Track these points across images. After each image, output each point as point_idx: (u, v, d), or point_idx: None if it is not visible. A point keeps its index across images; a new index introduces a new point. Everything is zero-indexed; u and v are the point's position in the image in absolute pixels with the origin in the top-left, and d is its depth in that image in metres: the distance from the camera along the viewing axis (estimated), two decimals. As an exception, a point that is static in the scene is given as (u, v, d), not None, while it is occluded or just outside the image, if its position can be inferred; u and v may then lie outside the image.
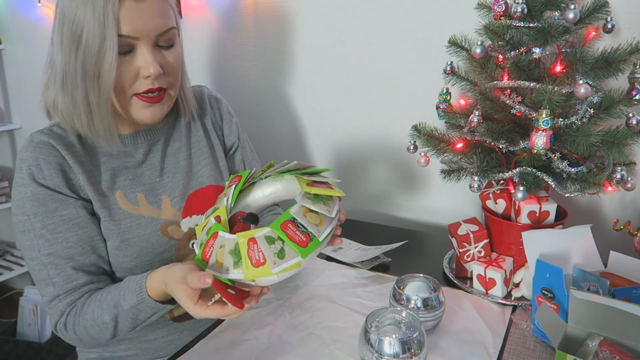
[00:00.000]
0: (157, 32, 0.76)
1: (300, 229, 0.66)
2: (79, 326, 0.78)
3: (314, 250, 0.66)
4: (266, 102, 1.43)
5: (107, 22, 0.71)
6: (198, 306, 0.66)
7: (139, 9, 0.73)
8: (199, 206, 0.90)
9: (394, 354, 0.63)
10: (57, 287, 0.78)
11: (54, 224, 0.78)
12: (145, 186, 0.87)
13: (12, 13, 1.94)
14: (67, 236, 0.79)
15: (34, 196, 0.78)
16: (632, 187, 0.78)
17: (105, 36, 0.71)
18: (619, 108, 0.78)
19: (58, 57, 0.76)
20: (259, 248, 0.65)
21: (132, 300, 0.74)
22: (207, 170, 0.94)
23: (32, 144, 0.80)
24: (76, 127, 0.80)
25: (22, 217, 0.78)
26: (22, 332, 1.98)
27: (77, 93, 0.76)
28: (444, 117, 0.94)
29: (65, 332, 0.80)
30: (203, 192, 0.92)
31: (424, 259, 1.06)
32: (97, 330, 0.77)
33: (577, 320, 0.65)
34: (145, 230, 0.84)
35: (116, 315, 0.75)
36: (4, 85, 2.14)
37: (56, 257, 0.78)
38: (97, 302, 0.77)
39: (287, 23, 1.32)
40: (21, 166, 0.79)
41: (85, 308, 0.78)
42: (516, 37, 0.84)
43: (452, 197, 1.23)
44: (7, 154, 2.26)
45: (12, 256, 2.27)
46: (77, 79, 0.75)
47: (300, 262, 0.64)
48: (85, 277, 0.80)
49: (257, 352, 0.75)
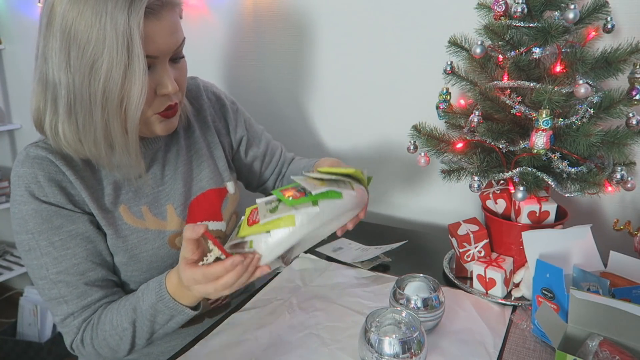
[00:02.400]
0: (174, 47, 0.73)
1: (298, 190, 0.66)
2: (97, 339, 0.75)
3: (304, 203, 0.64)
4: (266, 102, 1.43)
5: (133, 43, 0.64)
6: (189, 264, 0.64)
7: (160, 27, 0.69)
8: (202, 213, 0.88)
9: (394, 354, 0.63)
10: (71, 304, 0.75)
11: (61, 241, 0.74)
12: (149, 197, 0.83)
13: (12, 13, 1.94)
14: (76, 252, 0.75)
15: (36, 213, 0.73)
16: (632, 187, 0.78)
17: (132, 59, 0.65)
18: (619, 108, 0.78)
19: (61, 77, 0.67)
20: (257, 211, 0.66)
21: (150, 299, 0.72)
22: (207, 173, 0.91)
23: (29, 159, 0.73)
24: (83, 154, 0.74)
25: (26, 235, 0.74)
26: (22, 332, 1.98)
27: (93, 123, 0.69)
28: (444, 117, 0.94)
29: (82, 349, 0.77)
30: (204, 197, 0.90)
31: (424, 259, 1.05)
32: (116, 340, 0.75)
33: (577, 320, 0.65)
34: (153, 244, 0.82)
35: (134, 319, 0.73)
36: (4, 85, 2.14)
37: (67, 275, 0.74)
38: (115, 310, 0.75)
39: (287, 23, 1.32)
40: (18, 183, 0.73)
41: (102, 319, 0.75)
42: (516, 37, 0.84)
43: (452, 197, 1.23)
44: (7, 154, 2.26)
45: (12, 256, 2.27)
46: (94, 106, 0.68)
47: (293, 215, 0.63)
48: (99, 292, 0.77)
49: (257, 352, 0.75)
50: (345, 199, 0.67)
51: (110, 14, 0.63)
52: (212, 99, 0.97)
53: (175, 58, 0.75)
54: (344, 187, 0.69)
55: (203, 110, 0.95)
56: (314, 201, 0.65)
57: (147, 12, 0.66)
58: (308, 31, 1.30)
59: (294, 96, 1.39)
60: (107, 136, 0.71)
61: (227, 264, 0.62)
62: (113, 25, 0.63)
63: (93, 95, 0.67)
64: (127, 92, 0.67)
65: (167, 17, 0.70)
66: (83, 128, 0.70)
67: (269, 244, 0.64)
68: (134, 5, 0.64)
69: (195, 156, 0.91)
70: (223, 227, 0.91)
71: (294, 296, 0.90)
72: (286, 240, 0.64)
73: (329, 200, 0.65)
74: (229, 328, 0.81)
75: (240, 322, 0.83)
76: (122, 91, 0.67)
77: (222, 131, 0.97)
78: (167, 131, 0.78)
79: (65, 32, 0.65)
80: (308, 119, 1.39)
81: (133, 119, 0.69)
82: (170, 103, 0.75)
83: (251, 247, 0.65)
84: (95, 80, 0.66)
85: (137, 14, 0.64)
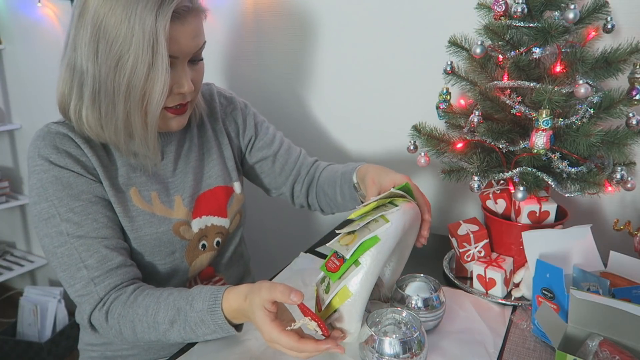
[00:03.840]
0: (195, 50, 0.77)
1: (338, 256, 0.68)
2: (125, 318, 0.73)
3: (347, 269, 0.65)
4: (267, 102, 1.43)
5: (158, 44, 0.69)
6: (275, 324, 0.62)
7: (184, 30, 0.73)
8: (208, 207, 0.91)
9: (395, 354, 0.63)
10: (92, 269, 0.74)
11: (82, 207, 0.76)
12: (160, 185, 0.86)
13: (12, 13, 1.94)
14: (96, 217, 0.77)
15: (56, 180, 0.75)
16: (632, 187, 0.78)
17: (156, 58, 0.69)
18: (619, 108, 0.78)
19: (89, 68, 0.72)
20: (317, 295, 0.70)
21: (201, 307, 0.70)
22: (216, 172, 0.94)
23: (50, 134, 0.78)
24: (103, 138, 0.78)
25: (45, 203, 0.75)
26: (22, 332, 1.98)
27: (115, 113, 0.73)
28: (444, 117, 0.94)
29: (104, 321, 0.75)
30: (212, 193, 0.92)
31: (424, 259, 1.05)
32: (144, 328, 0.73)
33: (577, 320, 0.65)
34: (158, 228, 0.84)
35: (175, 320, 0.71)
36: (4, 85, 2.14)
37: (88, 239, 0.75)
38: (155, 298, 0.73)
39: (288, 23, 1.32)
40: (38, 153, 0.76)
41: (139, 301, 0.73)
42: (516, 37, 0.84)
43: (452, 197, 1.23)
44: (7, 154, 2.26)
45: (12, 256, 2.27)
46: (117, 97, 0.72)
47: (345, 286, 0.65)
48: (119, 257, 0.77)
49: (257, 352, 0.75)
50: (385, 236, 0.66)
51: (139, 14, 0.68)
52: (223, 103, 1.00)
53: (194, 60, 0.79)
54: (384, 217, 0.68)
55: (215, 113, 0.98)
56: (355, 262, 0.66)
57: (174, 16, 0.70)
58: (309, 31, 1.30)
59: (294, 96, 1.39)
60: (127, 126, 0.75)
61: (322, 347, 0.62)
62: (141, 25, 0.68)
63: (117, 88, 0.71)
64: (149, 89, 0.72)
65: (192, 22, 0.74)
66: (105, 116, 0.75)
67: (345, 321, 0.66)
68: (162, 9, 0.68)
69: (207, 154, 0.94)
70: (227, 224, 0.94)
71: (294, 296, 0.90)
72: (358, 308, 0.66)
73: (369, 250, 0.65)
74: (229, 328, 0.81)
75: (241, 322, 0.83)
76: (144, 87, 0.71)
77: (232, 134, 1.00)
78: (178, 126, 0.82)
79: (95, 25, 0.70)
80: (308, 119, 1.39)
81: (153, 114, 0.74)
82: (182, 102, 0.79)
83: (331, 328, 0.67)
84: (120, 74, 0.70)
85: (164, 17, 0.68)
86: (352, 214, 0.71)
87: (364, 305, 0.67)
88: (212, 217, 0.91)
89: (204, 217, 0.90)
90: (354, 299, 0.65)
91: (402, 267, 0.84)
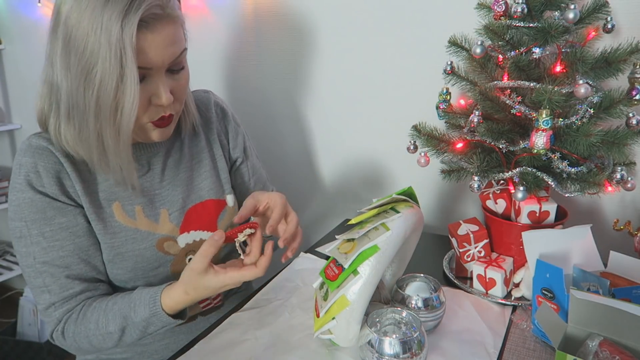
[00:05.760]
0: (170, 60, 0.72)
1: (337, 264, 0.68)
2: (79, 335, 0.77)
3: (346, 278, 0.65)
4: (267, 102, 1.43)
5: (125, 55, 0.65)
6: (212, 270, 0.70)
7: (154, 39, 0.68)
8: (198, 221, 0.88)
9: (395, 354, 0.63)
10: (53, 294, 0.77)
11: (52, 232, 0.76)
12: (145, 198, 0.83)
13: (12, 13, 1.94)
14: (63, 244, 0.77)
15: (32, 203, 0.75)
16: (632, 187, 0.78)
17: (125, 71, 0.65)
18: (619, 108, 0.78)
19: (63, 83, 0.70)
20: (315, 300, 0.70)
21: (144, 314, 0.74)
22: (208, 184, 0.91)
23: (31, 148, 0.76)
24: (81, 156, 0.76)
25: (19, 223, 0.76)
26: (22, 332, 1.98)
27: (88, 129, 0.71)
28: (444, 117, 0.94)
29: (63, 340, 0.79)
30: (202, 206, 0.89)
31: (424, 259, 1.05)
32: (100, 340, 0.77)
33: (577, 320, 0.65)
34: (141, 245, 0.82)
35: (124, 326, 0.75)
36: (4, 85, 2.14)
37: (51, 266, 0.76)
38: (102, 311, 0.76)
39: (287, 23, 1.32)
40: (19, 171, 0.76)
41: (88, 317, 0.76)
42: (516, 37, 0.84)
43: (452, 197, 1.23)
44: (7, 154, 2.26)
45: (12, 256, 2.27)
46: (88, 114, 0.69)
47: (343, 295, 0.65)
48: (81, 285, 0.79)
49: (257, 352, 0.75)
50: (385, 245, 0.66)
51: (105, 25, 0.64)
52: (219, 114, 0.98)
53: (174, 69, 0.75)
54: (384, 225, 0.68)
55: (210, 122, 0.95)
56: (354, 271, 0.66)
57: (141, 25, 0.66)
58: (308, 32, 1.30)
59: (294, 96, 1.39)
60: (100, 142, 0.72)
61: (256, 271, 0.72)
62: (107, 36, 0.64)
63: (88, 103, 0.69)
64: (119, 102, 0.68)
65: (162, 30, 0.69)
66: (80, 132, 0.72)
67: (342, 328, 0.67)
68: (127, 18, 0.64)
69: (198, 165, 0.91)
70: None
71: (294, 296, 0.90)
72: (357, 316, 0.66)
73: (368, 259, 0.65)
74: (229, 328, 0.81)
75: (240, 322, 0.83)
76: (114, 101, 0.68)
77: (226, 146, 0.98)
78: (161, 138, 0.79)
79: (66, 39, 0.67)
80: (308, 119, 1.39)
81: (126, 129, 0.70)
82: (164, 114, 0.75)
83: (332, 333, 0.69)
84: (89, 88, 0.67)
85: (130, 26, 0.64)
86: (352, 220, 0.71)
87: (363, 313, 0.67)
88: (202, 231, 0.88)
89: (192, 232, 0.87)
90: (352, 307, 0.65)
91: (403, 269, 0.84)
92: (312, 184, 1.43)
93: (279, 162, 1.47)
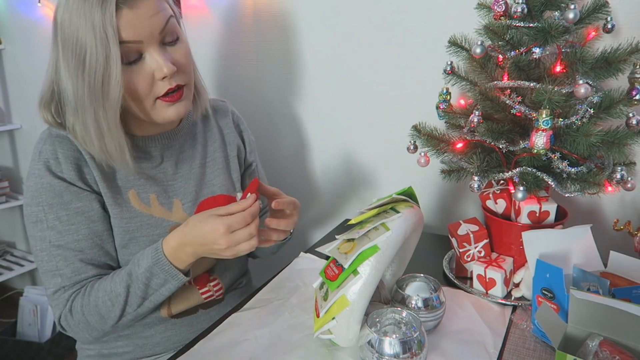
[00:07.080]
0: (159, 29, 0.75)
1: (337, 264, 0.68)
2: (88, 306, 0.78)
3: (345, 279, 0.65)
4: (267, 102, 1.43)
5: (108, 38, 0.70)
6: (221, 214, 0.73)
7: (136, 14, 0.72)
8: None
9: (394, 354, 0.63)
10: (65, 278, 0.79)
11: (68, 216, 0.79)
12: (159, 187, 0.88)
13: (12, 13, 1.94)
14: (78, 229, 0.79)
15: (50, 187, 0.78)
16: (632, 187, 0.78)
17: (109, 52, 0.70)
18: (619, 108, 0.78)
19: (68, 85, 0.75)
20: (315, 300, 0.70)
21: (147, 262, 0.77)
22: (220, 180, 0.95)
23: (51, 137, 0.80)
24: (91, 151, 0.80)
25: (36, 207, 0.79)
26: (22, 332, 1.98)
27: (87, 116, 0.75)
28: (444, 117, 0.94)
29: (71, 318, 0.80)
30: (214, 199, 0.94)
31: (424, 259, 1.05)
32: (108, 306, 0.78)
33: (577, 320, 0.65)
34: (155, 230, 0.85)
35: (129, 284, 0.77)
36: (4, 85, 2.14)
37: (66, 250, 0.79)
38: (109, 278, 0.79)
39: (287, 23, 1.32)
40: (39, 157, 0.79)
41: (96, 287, 0.79)
42: (516, 37, 0.84)
43: (452, 197, 1.23)
44: (7, 154, 2.26)
45: (12, 256, 2.27)
46: (85, 101, 0.74)
47: (343, 295, 0.65)
48: (93, 270, 0.81)
49: (257, 352, 0.75)
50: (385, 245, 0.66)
51: (88, 14, 0.70)
52: (235, 121, 1.03)
53: (168, 42, 0.78)
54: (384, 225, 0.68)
55: (227, 127, 1.01)
56: (354, 271, 0.66)
57: (120, 5, 0.70)
58: (308, 32, 1.30)
59: (293, 96, 1.39)
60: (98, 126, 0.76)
61: None
62: (91, 24, 0.70)
63: (85, 93, 0.73)
64: (107, 85, 0.72)
65: (143, 5, 0.73)
66: (83, 125, 0.76)
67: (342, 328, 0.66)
68: (105, 2, 0.69)
69: (212, 163, 0.96)
70: None
71: (294, 296, 0.90)
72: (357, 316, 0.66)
73: (368, 259, 0.65)
74: (229, 328, 0.81)
75: (240, 322, 0.83)
76: (103, 85, 0.72)
77: (242, 151, 1.03)
78: (177, 115, 0.81)
79: (63, 40, 0.73)
80: (307, 119, 1.39)
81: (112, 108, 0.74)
82: (170, 86, 0.77)
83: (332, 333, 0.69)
84: (84, 79, 0.72)
85: (109, 9, 0.69)
86: (352, 219, 0.71)
87: (363, 313, 0.67)
88: None
89: None
90: (351, 307, 0.65)
91: (403, 269, 0.84)
92: (312, 184, 1.44)
93: (279, 162, 1.47)
